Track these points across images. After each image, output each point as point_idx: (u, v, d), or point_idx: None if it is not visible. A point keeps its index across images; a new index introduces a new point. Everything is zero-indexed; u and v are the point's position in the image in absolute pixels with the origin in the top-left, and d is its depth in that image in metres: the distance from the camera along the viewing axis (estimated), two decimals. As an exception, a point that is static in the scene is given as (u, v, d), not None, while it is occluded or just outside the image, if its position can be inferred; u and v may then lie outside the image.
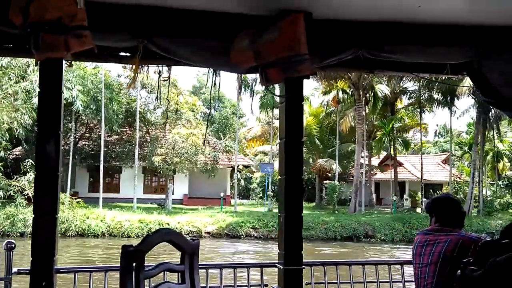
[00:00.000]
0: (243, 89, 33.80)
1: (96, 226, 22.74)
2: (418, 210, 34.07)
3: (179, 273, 2.98)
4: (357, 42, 3.33)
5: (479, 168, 34.67)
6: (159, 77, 3.49)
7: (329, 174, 35.51)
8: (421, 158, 36.74)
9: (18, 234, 21.61)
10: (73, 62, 3.28)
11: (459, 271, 3.04)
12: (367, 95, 34.02)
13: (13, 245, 3.31)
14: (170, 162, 29.71)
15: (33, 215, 2.95)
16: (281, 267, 3.36)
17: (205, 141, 34.04)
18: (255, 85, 32.84)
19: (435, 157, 46.25)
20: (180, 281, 2.97)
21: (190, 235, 22.55)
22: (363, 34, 3.35)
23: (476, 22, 3.39)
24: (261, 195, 42.20)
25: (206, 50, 3.28)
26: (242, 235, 23.68)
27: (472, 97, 32.83)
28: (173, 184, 34.79)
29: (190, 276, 2.96)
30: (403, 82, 35.39)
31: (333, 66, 3.52)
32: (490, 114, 33.98)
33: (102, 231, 22.88)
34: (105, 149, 31.27)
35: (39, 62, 2.86)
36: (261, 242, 23.24)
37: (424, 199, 35.13)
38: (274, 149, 40.10)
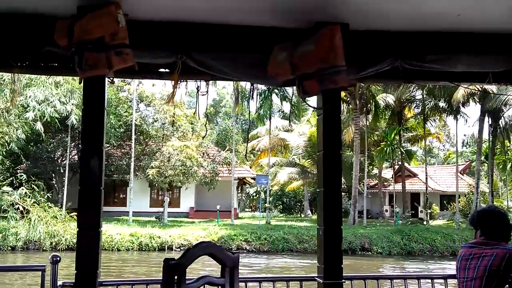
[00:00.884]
0: (239, 101, 32.89)
1: (86, 240, 22.65)
2: (425, 222, 33.02)
3: (219, 286, 2.99)
4: (395, 52, 3.30)
5: (491, 178, 33.57)
6: (198, 92, 3.54)
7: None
8: (426, 168, 35.79)
9: (10, 249, 21.57)
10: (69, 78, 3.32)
11: (507, 285, 2.94)
12: (368, 104, 32.46)
13: (58, 259, 3.40)
14: (165, 175, 29.32)
15: (77, 229, 3.03)
16: (321, 281, 3.32)
17: (246, 156, 33.63)
18: (252, 96, 31.91)
19: (453, 167, 44.63)
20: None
21: (180, 248, 22.52)
22: (401, 45, 3.32)
23: None
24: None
25: (244, 64, 3.31)
26: (233, 248, 23.14)
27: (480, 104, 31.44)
28: (179, 197, 34.76)
29: (230, 289, 2.97)
30: (410, 90, 33.90)
31: (370, 77, 3.50)
32: (500, 122, 32.62)
33: (93, 245, 22.78)
34: (106, 162, 30.92)
35: (83, 80, 2.95)
36: (252, 255, 22.73)
37: (428, 211, 34.20)
38: (273, 161, 39.48)
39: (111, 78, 3.21)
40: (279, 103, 38.36)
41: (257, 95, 3.44)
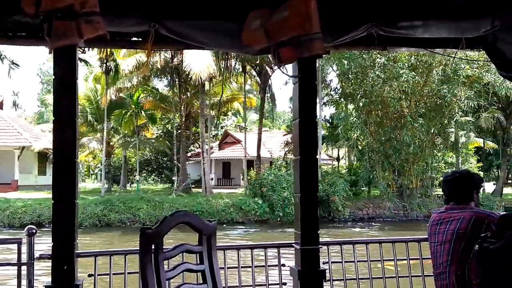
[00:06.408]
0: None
1: None
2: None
3: (197, 254, 3.02)
4: (370, 19, 3.28)
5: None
6: (172, 61, 3.49)
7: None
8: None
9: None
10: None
11: (476, 246, 3.03)
12: (107, 63, 27.87)
13: (34, 231, 3.38)
14: None
15: (52, 201, 3.00)
16: (298, 247, 3.38)
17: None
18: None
19: (281, 133, 43.14)
20: (198, 262, 3.01)
21: None
22: (376, 11, 3.30)
23: None
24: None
25: (218, 32, 3.26)
26: None
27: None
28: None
29: (208, 257, 3.01)
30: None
31: (345, 44, 3.49)
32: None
33: None
34: None
35: (52, 50, 2.88)
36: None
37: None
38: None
39: (83, 48, 3.14)
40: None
41: None
